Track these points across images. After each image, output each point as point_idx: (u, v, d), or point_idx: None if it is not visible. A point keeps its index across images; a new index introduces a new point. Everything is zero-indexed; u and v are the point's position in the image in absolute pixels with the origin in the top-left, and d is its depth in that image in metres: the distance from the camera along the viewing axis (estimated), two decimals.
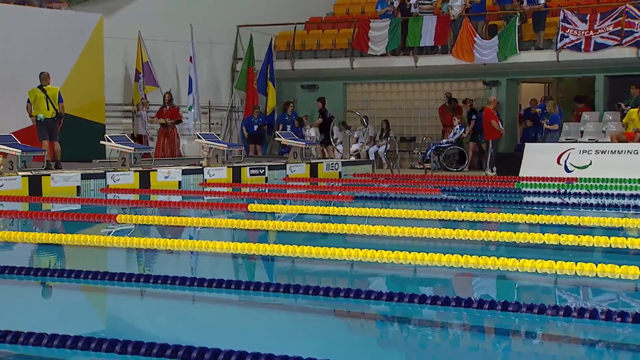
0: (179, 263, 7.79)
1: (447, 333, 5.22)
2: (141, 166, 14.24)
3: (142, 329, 5.37)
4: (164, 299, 6.05)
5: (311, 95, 22.11)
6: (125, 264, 7.82)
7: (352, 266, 7.21)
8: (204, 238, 8.33)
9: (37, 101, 14.21)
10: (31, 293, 6.36)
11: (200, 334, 5.07)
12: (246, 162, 16.16)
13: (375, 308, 5.59)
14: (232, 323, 5.45)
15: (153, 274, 6.33)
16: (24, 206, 11.77)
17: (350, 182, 16.14)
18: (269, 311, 5.75)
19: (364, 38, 20.32)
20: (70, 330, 4.59)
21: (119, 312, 5.96)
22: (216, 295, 5.92)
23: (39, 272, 6.53)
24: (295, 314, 5.68)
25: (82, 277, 6.35)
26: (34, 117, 14.28)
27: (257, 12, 21.69)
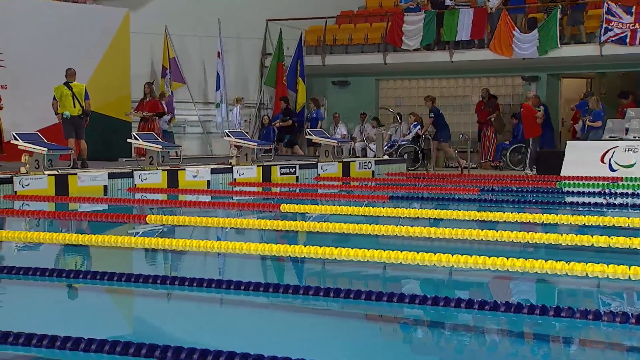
0: (207, 265, 7.85)
1: (483, 338, 5.21)
2: (169, 165, 14.40)
3: (170, 332, 5.42)
4: (191, 302, 6.11)
5: (342, 91, 22.18)
6: (152, 266, 7.89)
7: (385, 268, 7.21)
8: (233, 239, 8.39)
9: (63, 98, 14.43)
10: (56, 295, 6.43)
11: (228, 338, 5.09)
12: (276, 161, 16.26)
13: (408, 312, 5.59)
14: (260, 326, 5.47)
15: (180, 275, 6.38)
16: (50, 206, 11.96)
17: (384, 182, 16.18)
18: (299, 314, 5.78)
19: (398, 32, 20.34)
20: (96, 333, 4.64)
21: (146, 315, 6.01)
22: (244, 297, 5.94)
23: (65, 273, 6.59)
24: (325, 318, 5.68)
25: (108, 279, 6.41)
26: (60, 114, 14.51)
27: (287, 6, 21.79)
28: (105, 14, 18.04)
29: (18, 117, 15.79)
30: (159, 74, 19.71)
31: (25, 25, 16.55)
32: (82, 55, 16.91)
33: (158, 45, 19.46)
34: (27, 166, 12.65)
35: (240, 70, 21.68)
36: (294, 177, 15.94)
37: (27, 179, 12.37)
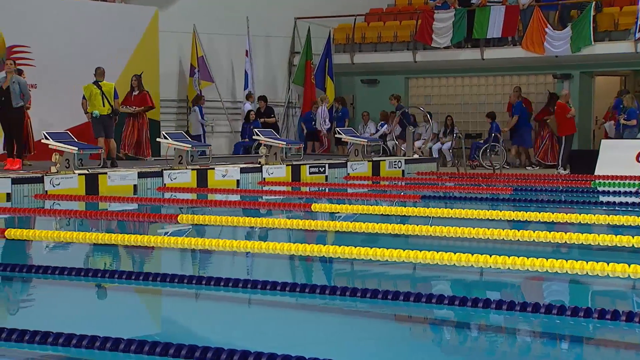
0: (235, 264, 7.90)
1: (514, 339, 5.20)
2: (198, 164, 14.56)
3: (197, 332, 5.45)
4: (219, 302, 6.16)
5: (371, 90, 22.24)
6: (181, 265, 7.96)
7: (415, 269, 7.23)
8: (261, 239, 8.46)
9: (92, 97, 14.63)
10: (86, 294, 6.51)
11: (255, 338, 5.10)
12: (305, 160, 16.37)
13: (438, 312, 5.59)
14: (288, 327, 5.50)
15: (209, 275, 6.42)
16: (80, 205, 12.14)
17: (414, 181, 16.23)
18: (326, 315, 5.79)
19: (428, 30, 20.37)
20: (124, 332, 4.69)
21: (174, 315, 6.05)
22: (272, 298, 5.98)
23: (95, 273, 6.67)
24: (353, 318, 5.70)
25: (136, 279, 6.48)
26: (89, 113, 14.72)
27: (315, 4, 21.89)
28: (134, 13, 18.25)
29: (47, 116, 16.03)
30: (187, 73, 19.89)
31: (54, 25, 16.79)
32: (111, 54, 17.12)
33: (186, 44, 19.63)
34: (57, 165, 12.85)
35: (268, 69, 21.82)
36: (324, 177, 16.04)
37: (57, 178, 12.57)
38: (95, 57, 16.36)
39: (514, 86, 20.49)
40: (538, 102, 20.55)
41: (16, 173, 12.81)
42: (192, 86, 19.68)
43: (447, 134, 20.33)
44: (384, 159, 17.43)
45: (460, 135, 18.71)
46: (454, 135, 19.61)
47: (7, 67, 13.80)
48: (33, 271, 6.78)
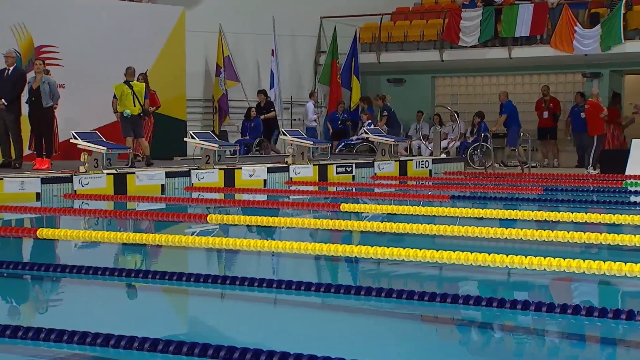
0: (261, 264, 7.94)
1: (543, 341, 5.18)
2: (225, 164, 14.65)
3: (224, 332, 5.47)
4: (245, 301, 6.18)
5: (397, 89, 22.26)
6: (208, 265, 8.01)
7: (441, 269, 7.23)
8: (288, 238, 8.50)
9: (123, 97, 14.77)
10: (114, 294, 6.55)
11: (282, 338, 5.12)
12: (332, 160, 16.42)
13: (465, 313, 5.58)
14: (314, 327, 5.51)
15: (234, 275, 6.43)
16: (108, 205, 12.27)
17: (442, 181, 16.23)
18: (353, 315, 5.78)
19: (455, 29, 20.37)
20: (151, 332, 4.71)
21: (201, 315, 6.08)
22: (299, 298, 5.98)
23: (123, 272, 6.72)
24: (379, 318, 5.69)
25: (162, 278, 6.52)
26: (119, 113, 14.86)
27: (341, 3, 21.94)
28: (161, 12, 18.39)
29: (75, 115, 16.19)
30: (213, 72, 20.02)
31: (82, 25, 16.95)
32: (138, 54, 17.26)
33: (212, 43, 19.76)
34: (86, 165, 12.98)
35: (294, 68, 21.91)
36: (350, 176, 16.08)
37: (86, 178, 12.71)
38: (122, 57, 16.51)
39: (541, 85, 20.43)
40: (567, 102, 20.48)
41: (45, 173, 12.97)
42: (218, 86, 19.81)
43: (473, 133, 20.29)
44: (411, 158, 17.44)
45: (488, 135, 18.69)
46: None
47: (37, 67, 13.97)
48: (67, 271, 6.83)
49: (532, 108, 20.46)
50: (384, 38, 21.95)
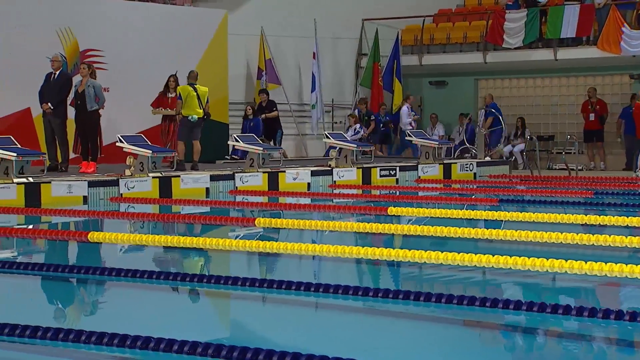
0: (302, 267, 7.94)
1: (590, 346, 5.10)
2: (270, 167, 14.66)
3: (263, 335, 5.46)
4: (286, 305, 6.15)
5: (439, 92, 22.14)
6: (252, 268, 8.01)
7: (484, 273, 7.16)
8: (330, 242, 8.48)
9: (188, 100, 14.73)
10: (157, 297, 6.57)
11: (322, 342, 5.11)
12: (376, 163, 16.36)
13: (508, 318, 5.53)
14: (355, 331, 5.48)
15: (276, 278, 6.42)
16: (154, 208, 12.32)
17: (486, 184, 16.09)
18: (394, 320, 5.74)
19: (499, 30, 20.20)
20: (191, 335, 4.71)
21: (241, 318, 6.08)
22: (339, 302, 5.97)
23: (166, 275, 6.73)
24: (421, 323, 5.65)
25: (207, 282, 6.53)
26: (182, 116, 14.78)
27: (383, 5, 21.88)
28: (203, 15, 18.46)
29: (118, 118, 16.30)
30: (255, 75, 20.05)
31: (125, 28, 17.06)
32: (181, 57, 17.32)
33: (254, 46, 19.79)
34: (131, 168, 13.06)
35: (335, 71, 21.88)
36: (394, 180, 16.01)
37: (132, 181, 12.78)
38: (165, 60, 16.59)
39: (588, 87, 20.18)
40: (613, 103, 20.22)
41: (91, 176, 13.06)
42: (260, 89, 19.82)
43: (518, 136, 20.11)
44: (455, 161, 17.31)
45: (534, 138, 18.50)
46: (526, 137, 19.39)
47: (82, 71, 14.08)
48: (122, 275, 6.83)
49: (578, 110, 20.21)
50: (426, 40, 21.84)
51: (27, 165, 12.07)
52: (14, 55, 15.51)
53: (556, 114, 20.79)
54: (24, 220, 11.15)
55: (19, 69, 15.44)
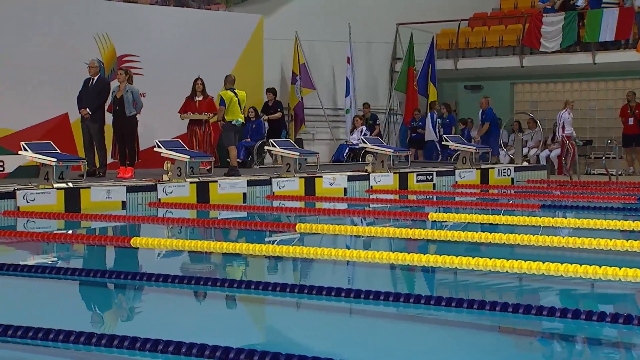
0: (336, 273, 7.93)
1: (626, 354, 5.05)
2: (306, 172, 14.63)
3: (297, 340, 5.47)
4: (320, 311, 6.15)
5: (475, 96, 21.99)
6: (289, 273, 8.01)
7: (521, 279, 7.09)
8: (367, 247, 8.43)
9: (231, 105, 14.65)
10: (194, 302, 6.60)
11: (357, 348, 5.10)
12: (412, 168, 16.27)
13: (545, 325, 5.48)
14: (389, 337, 5.46)
15: (310, 284, 6.42)
16: (191, 213, 12.33)
17: (524, 189, 15.95)
18: (429, 326, 5.73)
19: (536, 34, 20.04)
20: (226, 340, 4.71)
21: (275, 323, 6.08)
22: (374, 307, 5.94)
23: (201, 281, 6.74)
24: (456, 329, 5.61)
25: (239, 287, 6.53)
26: (226, 121, 14.71)
27: (418, 10, 21.79)
28: (239, 20, 18.49)
29: (154, 123, 16.36)
30: (289, 80, 20.06)
31: (161, 33, 17.15)
32: (216, 62, 17.38)
33: (288, 51, 19.79)
34: (169, 174, 13.09)
35: (369, 75, 21.82)
36: (431, 185, 15.91)
37: (170, 187, 12.80)
38: (199, 66, 16.61)
39: (627, 91, 19.93)
40: None
41: (130, 181, 13.11)
42: (294, 93, 19.84)
43: (554, 140, 19.91)
44: (492, 166, 17.16)
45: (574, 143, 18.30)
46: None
47: (119, 76, 14.14)
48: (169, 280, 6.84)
49: (617, 114, 19.97)
50: (461, 44, 21.72)
51: (67, 171, 12.14)
52: (52, 61, 15.63)
53: (594, 118, 20.55)
54: (63, 225, 11.21)
55: (57, 74, 15.57)
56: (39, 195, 11.57)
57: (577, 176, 17.75)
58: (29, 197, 11.46)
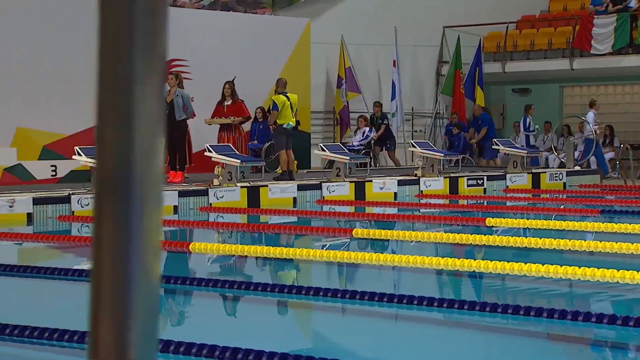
0: (382, 278, 7.88)
1: None
2: (356, 177, 14.56)
3: (343, 346, 5.46)
4: (365, 316, 6.12)
5: (523, 99, 21.76)
6: (328, 278, 8.00)
7: (571, 285, 7.03)
8: (415, 252, 8.37)
9: (284, 109, 14.62)
10: (242, 306, 6.63)
11: (402, 353, 5.06)
12: (463, 172, 16.13)
13: (595, 332, 5.42)
14: (435, 343, 5.43)
15: (355, 289, 6.38)
16: (242, 218, 12.33)
17: (576, 194, 15.72)
18: (476, 332, 5.68)
19: (587, 36, 19.79)
20: (272, 345, 4.71)
21: (321, 329, 6.09)
22: (418, 313, 5.90)
23: (253, 286, 6.71)
24: (504, 336, 5.57)
25: (294, 292, 6.53)
26: (279, 125, 14.68)
27: (465, 12, 21.62)
28: (286, 24, 18.48)
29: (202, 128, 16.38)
30: (334, 83, 20.01)
31: (208, 38, 17.18)
32: (264, 65, 17.37)
33: (334, 55, 19.74)
34: (220, 178, 13.10)
35: (415, 79, 21.69)
36: (482, 189, 15.76)
37: (221, 191, 12.81)
38: (248, 70, 16.63)
39: None
40: None
41: (181, 186, 13.14)
42: (340, 97, 19.79)
43: (606, 144, 19.63)
44: (544, 170, 16.96)
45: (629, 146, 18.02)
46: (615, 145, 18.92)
47: (170, 81, 14.18)
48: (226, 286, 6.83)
49: None
50: (509, 47, 21.51)
51: None
52: None
53: None
54: None
55: None
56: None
57: (632, 180, 17.48)
58: (83, 201, 11.52)
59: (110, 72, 1.02)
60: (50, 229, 11.01)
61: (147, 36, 1.01)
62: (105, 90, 1.03)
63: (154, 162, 1.03)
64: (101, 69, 1.03)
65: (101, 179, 1.03)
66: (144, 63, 1.02)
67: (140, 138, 1.03)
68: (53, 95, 15.16)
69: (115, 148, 1.03)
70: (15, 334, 5.02)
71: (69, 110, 15.25)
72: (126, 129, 1.03)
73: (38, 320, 5.26)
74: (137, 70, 1.02)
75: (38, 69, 14.97)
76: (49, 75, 15.12)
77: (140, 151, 1.02)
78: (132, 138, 1.03)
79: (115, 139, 1.03)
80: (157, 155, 1.03)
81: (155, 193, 1.03)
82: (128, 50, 1.02)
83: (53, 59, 15.25)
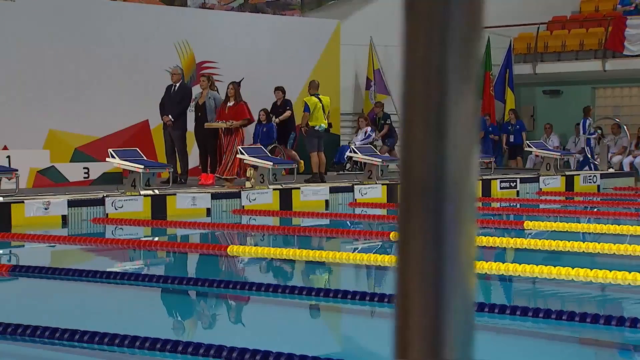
0: None
1: None
2: (388, 179, 14.52)
3: (372, 350, 5.46)
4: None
5: (553, 101, 21.63)
6: (356, 281, 8.00)
7: (603, 289, 6.96)
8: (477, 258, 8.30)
9: (315, 111, 14.59)
10: (271, 309, 6.60)
11: None
12: (495, 174, 16.04)
13: (627, 336, 5.36)
14: None
15: (383, 292, 6.37)
16: (274, 220, 12.32)
17: (611, 197, 15.60)
18: (504, 335, 5.66)
19: (620, 37, 19.63)
20: (300, 349, 4.71)
21: (351, 332, 6.09)
22: None
23: (282, 289, 6.71)
24: (534, 340, 5.53)
25: (317, 295, 6.52)
26: (310, 127, 14.62)
27: (495, 13, 21.44)
28: (316, 26, 18.47)
29: None
30: (363, 85, 19.97)
31: (238, 39, 17.21)
32: (294, 67, 17.37)
33: (363, 56, 19.70)
34: (252, 180, 13.11)
35: None
36: (515, 192, 15.66)
37: (253, 194, 12.81)
38: (278, 71, 16.63)
39: None
40: None
41: (214, 188, 13.16)
42: (368, 99, 19.75)
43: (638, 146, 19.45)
44: (578, 173, 16.83)
45: None
46: None
47: (202, 83, 14.20)
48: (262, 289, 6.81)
49: None
50: (540, 48, 21.37)
51: (153, 178, 12.24)
52: (132, 68, 15.80)
53: None
54: (150, 232, 11.29)
55: (137, 82, 15.74)
56: (127, 202, 11.66)
57: None
58: (117, 204, 11.57)
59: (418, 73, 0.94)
60: (85, 231, 11.06)
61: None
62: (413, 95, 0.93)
63: (469, 172, 0.93)
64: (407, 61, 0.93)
65: (409, 190, 0.93)
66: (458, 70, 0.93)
67: (455, 148, 0.93)
68: (85, 97, 15.25)
69: (428, 158, 0.93)
70: (46, 336, 5.04)
71: (101, 112, 15.33)
72: (440, 136, 0.93)
73: (71, 323, 5.27)
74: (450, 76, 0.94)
75: (70, 72, 15.07)
76: (81, 78, 15.22)
77: (454, 161, 0.92)
78: (445, 146, 0.93)
79: (427, 147, 0.93)
80: (473, 166, 0.93)
81: (470, 205, 0.93)
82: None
83: (85, 63, 15.33)
